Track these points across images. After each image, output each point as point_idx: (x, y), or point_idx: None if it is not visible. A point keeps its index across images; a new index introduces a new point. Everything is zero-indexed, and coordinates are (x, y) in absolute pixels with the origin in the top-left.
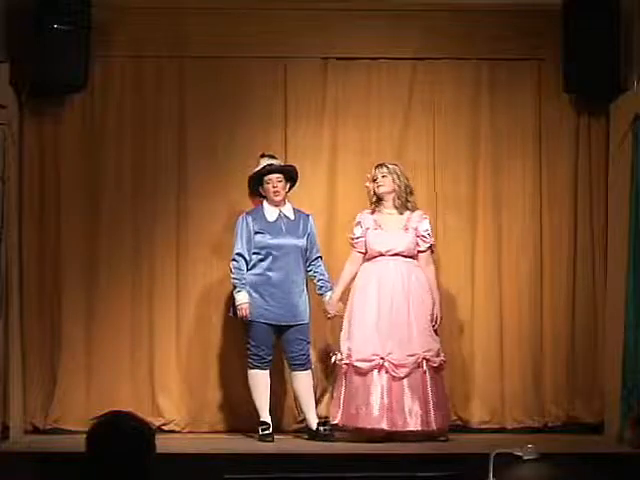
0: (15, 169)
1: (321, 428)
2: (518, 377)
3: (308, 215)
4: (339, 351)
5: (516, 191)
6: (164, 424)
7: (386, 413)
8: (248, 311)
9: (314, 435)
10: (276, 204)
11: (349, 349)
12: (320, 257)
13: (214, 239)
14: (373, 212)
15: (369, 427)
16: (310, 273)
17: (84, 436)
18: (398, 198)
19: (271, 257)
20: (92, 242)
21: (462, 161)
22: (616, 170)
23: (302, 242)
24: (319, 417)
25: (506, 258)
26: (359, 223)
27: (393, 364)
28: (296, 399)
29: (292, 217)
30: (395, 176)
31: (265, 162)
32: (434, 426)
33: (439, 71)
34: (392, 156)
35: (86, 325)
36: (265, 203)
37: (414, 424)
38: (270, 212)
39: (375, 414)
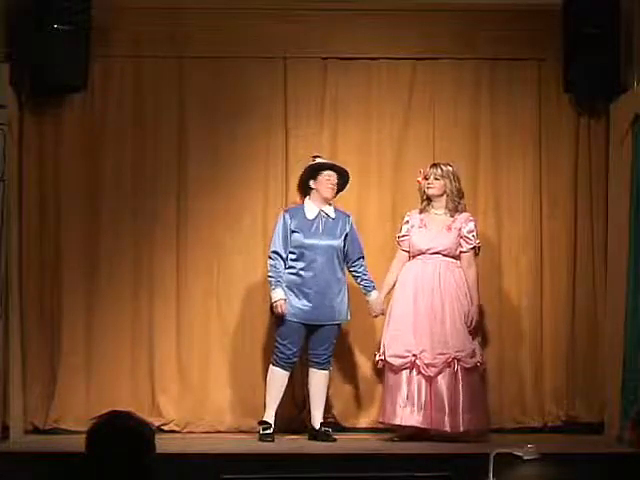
0: (15, 169)
1: (323, 428)
2: (518, 377)
3: (348, 215)
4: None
5: (516, 191)
6: (164, 424)
7: (422, 412)
8: (284, 307)
9: (315, 435)
10: (325, 200)
11: (384, 346)
12: (362, 257)
13: (214, 239)
14: (421, 212)
15: (405, 424)
16: (352, 274)
17: (84, 436)
18: (451, 202)
19: (304, 257)
20: (92, 242)
21: (462, 161)
22: (616, 170)
23: (338, 242)
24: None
25: (506, 258)
26: (407, 222)
27: (424, 363)
28: (304, 396)
29: (333, 216)
30: (447, 180)
31: (322, 160)
32: (461, 428)
33: (439, 71)
34: (392, 156)
35: (86, 325)
36: (308, 201)
37: (443, 424)
38: (310, 210)
39: (410, 412)
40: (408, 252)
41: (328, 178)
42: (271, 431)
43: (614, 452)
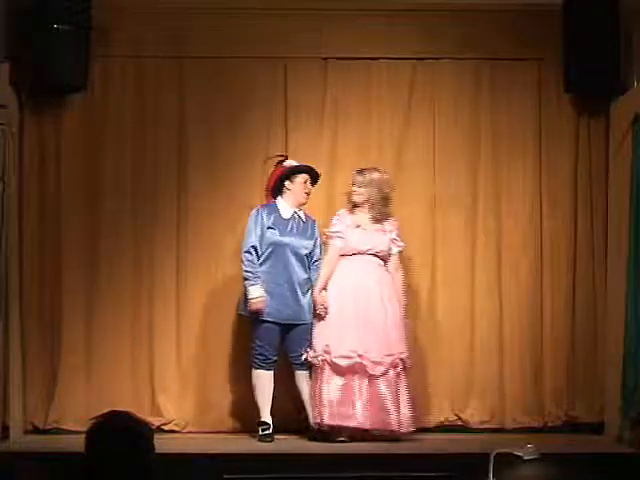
0: (15, 169)
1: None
2: (518, 377)
3: (315, 220)
4: (312, 348)
5: (516, 191)
6: (164, 424)
7: (367, 412)
8: (263, 305)
9: (314, 435)
10: (299, 204)
11: (327, 346)
12: (322, 259)
13: (214, 239)
14: (351, 213)
15: (351, 426)
16: (313, 272)
17: (84, 436)
18: (372, 208)
19: (278, 255)
20: (92, 242)
21: (462, 161)
22: (616, 170)
23: (309, 243)
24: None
25: (506, 258)
26: (338, 219)
27: (371, 361)
28: (297, 398)
29: (304, 219)
30: (371, 187)
31: (298, 162)
32: (405, 426)
33: (439, 71)
34: (392, 156)
35: (86, 325)
36: (281, 201)
37: (388, 424)
38: (285, 210)
39: (357, 412)
40: (339, 250)
41: (304, 182)
42: (270, 431)
43: (614, 452)
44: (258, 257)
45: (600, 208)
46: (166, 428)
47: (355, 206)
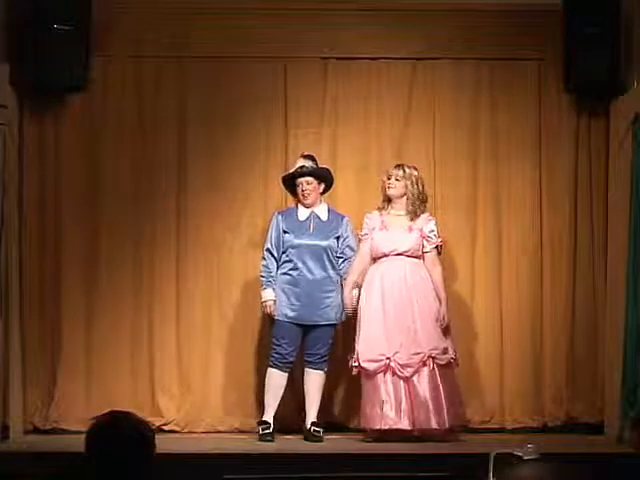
0: (15, 169)
1: (312, 429)
2: (518, 377)
3: (343, 217)
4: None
5: (516, 191)
6: (164, 424)
7: (401, 413)
8: (272, 308)
9: (305, 435)
10: (306, 206)
11: (358, 352)
12: (348, 259)
13: (214, 239)
14: (380, 212)
15: (386, 428)
16: (341, 272)
17: (84, 436)
18: (411, 205)
19: (295, 257)
20: (92, 242)
21: (462, 161)
22: (616, 170)
23: (327, 243)
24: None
25: (506, 258)
26: (366, 222)
27: (399, 364)
28: (302, 397)
29: (325, 218)
30: (409, 182)
31: (300, 163)
32: (447, 424)
33: (439, 71)
34: (392, 156)
35: (86, 325)
36: (299, 203)
37: (428, 423)
38: (302, 212)
39: (391, 415)
40: (370, 252)
41: (299, 185)
42: (271, 431)
43: (614, 452)
44: (276, 260)
45: (600, 208)
46: (166, 428)
47: (389, 200)
